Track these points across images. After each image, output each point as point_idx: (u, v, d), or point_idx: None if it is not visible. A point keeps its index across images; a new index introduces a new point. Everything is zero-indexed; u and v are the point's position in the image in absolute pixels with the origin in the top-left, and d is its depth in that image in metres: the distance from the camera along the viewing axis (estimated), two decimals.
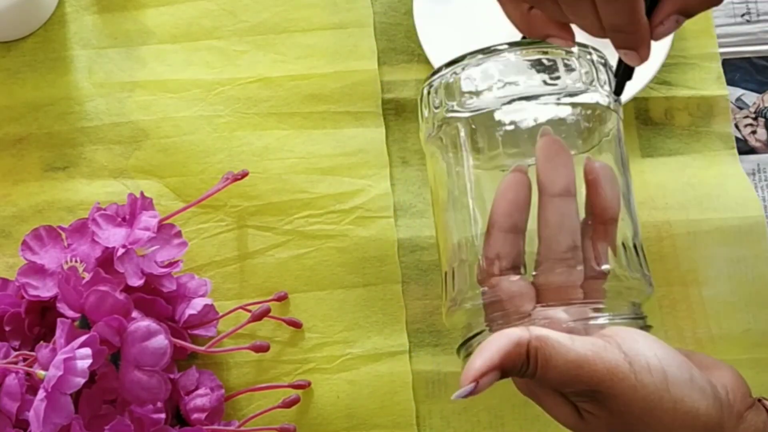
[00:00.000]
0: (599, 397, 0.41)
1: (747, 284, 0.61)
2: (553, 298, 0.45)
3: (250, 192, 0.62)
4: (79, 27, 0.65)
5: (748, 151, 0.65)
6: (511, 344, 0.41)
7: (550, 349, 0.41)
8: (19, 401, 0.50)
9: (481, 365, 0.40)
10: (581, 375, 0.41)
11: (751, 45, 0.67)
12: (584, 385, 0.41)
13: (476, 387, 0.40)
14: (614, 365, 0.41)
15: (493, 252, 0.46)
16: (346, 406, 0.59)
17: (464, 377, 0.41)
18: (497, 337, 0.41)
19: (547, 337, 0.41)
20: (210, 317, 0.57)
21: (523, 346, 0.41)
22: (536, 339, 0.41)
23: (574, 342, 0.41)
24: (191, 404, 0.55)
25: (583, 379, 0.41)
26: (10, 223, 0.61)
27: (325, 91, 0.64)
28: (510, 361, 0.41)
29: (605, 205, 0.47)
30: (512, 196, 0.46)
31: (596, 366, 0.41)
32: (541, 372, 0.41)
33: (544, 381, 0.42)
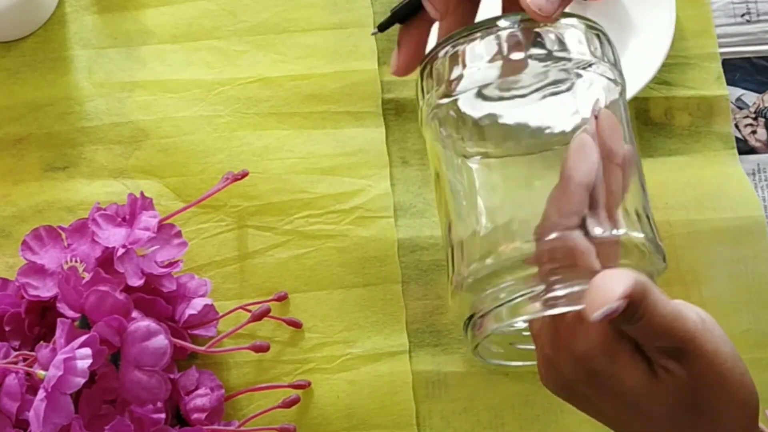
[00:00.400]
0: (683, 356, 0.41)
1: (747, 284, 0.61)
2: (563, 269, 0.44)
3: (250, 192, 0.62)
4: (79, 27, 0.65)
5: (748, 151, 0.65)
6: (636, 281, 0.40)
7: (656, 296, 0.41)
8: (19, 401, 0.50)
9: (623, 291, 0.39)
10: (676, 328, 0.41)
11: (751, 45, 0.67)
12: (676, 339, 0.41)
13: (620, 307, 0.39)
14: (702, 325, 0.41)
15: (569, 206, 0.44)
16: (346, 406, 0.59)
17: (604, 297, 0.39)
18: (618, 272, 0.41)
19: (652, 285, 0.41)
20: (210, 317, 0.57)
21: (641, 286, 0.40)
22: (647, 284, 0.41)
23: (666, 297, 0.41)
24: (191, 404, 0.55)
25: (677, 332, 0.41)
26: (10, 223, 0.61)
27: (325, 91, 0.64)
28: (636, 295, 0.40)
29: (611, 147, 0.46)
30: (588, 154, 0.45)
31: (688, 323, 0.41)
32: (647, 318, 0.40)
33: (646, 328, 0.41)
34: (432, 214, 0.62)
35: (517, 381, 0.60)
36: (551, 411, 0.59)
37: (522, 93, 0.48)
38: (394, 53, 0.51)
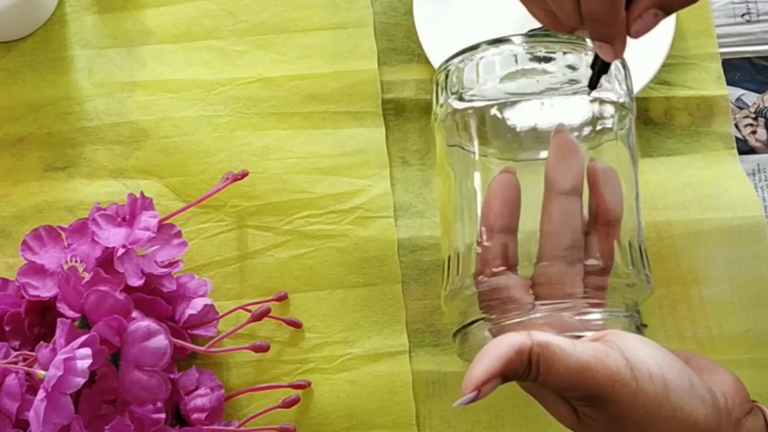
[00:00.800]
0: (599, 403, 0.41)
1: (747, 284, 0.61)
2: (551, 294, 0.46)
3: (250, 192, 0.62)
4: (79, 27, 0.65)
5: (748, 151, 0.65)
6: (513, 351, 0.41)
7: (552, 355, 0.41)
8: (19, 401, 0.50)
9: (483, 373, 0.40)
10: (582, 381, 0.41)
11: (751, 45, 0.67)
12: (585, 390, 0.41)
13: (478, 395, 0.40)
14: (616, 372, 0.41)
15: (486, 253, 0.46)
16: (346, 406, 0.59)
17: (465, 385, 0.40)
18: (498, 344, 0.41)
19: (549, 343, 0.41)
20: (210, 317, 0.57)
21: (524, 354, 0.41)
22: (538, 345, 0.41)
23: (575, 348, 0.41)
24: (191, 404, 0.55)
25: (583, 385, 0.41)
26: (10, 223, 0.61)
27: (325, 91, 0.64)
28: (511, 368, 0.41)
29: (607, 206, 0.47)
30: (503, 197, 0.47)
31: (597, 372, 0.41)
32: (542, 377, 0.41)
33: (546, 386, 0.42)
34: (432, 214, 0.62)
35: None
36: None
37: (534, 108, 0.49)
38: None
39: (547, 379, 0.41)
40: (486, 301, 0.47)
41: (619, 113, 0.50)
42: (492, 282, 0.46)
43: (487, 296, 0.46)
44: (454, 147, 0.51)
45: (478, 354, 0.41)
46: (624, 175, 0.49)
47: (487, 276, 0.46)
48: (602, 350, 0.42)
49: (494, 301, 0.46)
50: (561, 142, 0.47)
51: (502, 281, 0.45)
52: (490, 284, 0.46)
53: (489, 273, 0.46)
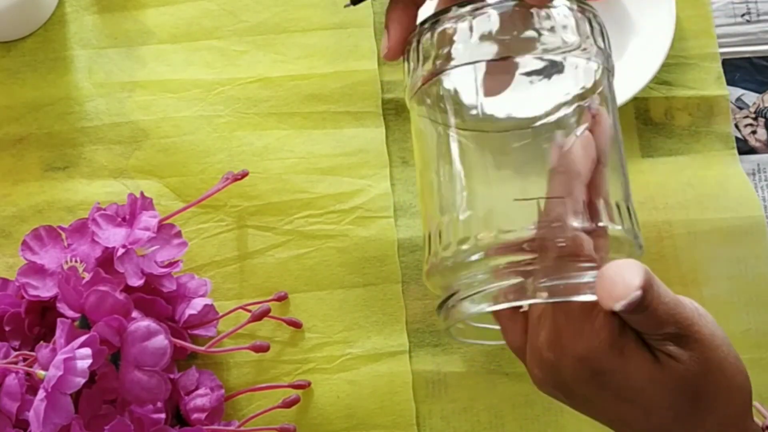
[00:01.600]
0: (684, 341, 0.42)
1: (747, 284, 0.61)
2: None
3: (250, 192, 0.62)
4: (79, 27, 0.65)
5: (748, 151, 0.65)
6: (644, 271, 0.41)
7: (657, 285, 0.42)
8: (19, 401, 0.50)
9: (640, 281, 0.40)
10: (678, 314, 0.42)
11: (751, 45, 0.67)
12: (678, 325, 0.42)
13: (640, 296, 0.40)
14: (697, 312, 0.43)
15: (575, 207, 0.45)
16: (346, 406, 0.59)
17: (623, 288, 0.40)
18: (629, 263, 0.41)
19: (654, 275, 0.42)
20: (210, 317, 0.57)
21: (648, 275, 0.41)
22: (651, 273, 0.42)
23: None
24: (191, 404, 0.55)
25: (679, 318, 0.42)
26: (10, 223, 0.61)
27: (325, 91, 0.64)
28: (647, 284, 0.41)
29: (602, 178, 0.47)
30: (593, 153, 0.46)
31: (686, 310, 0.42)
32: (653, 305, 0.41)
33: (652, 317, 0.42)
34: None
35: (518, 381, 0.60)
36: (551, 411, 0.59)
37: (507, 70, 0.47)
38: (384, 37, 0.51)
39: (657, 307, 0.41)
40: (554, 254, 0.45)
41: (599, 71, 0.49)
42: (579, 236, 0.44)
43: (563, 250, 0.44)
44: (427, 121, 0.50)
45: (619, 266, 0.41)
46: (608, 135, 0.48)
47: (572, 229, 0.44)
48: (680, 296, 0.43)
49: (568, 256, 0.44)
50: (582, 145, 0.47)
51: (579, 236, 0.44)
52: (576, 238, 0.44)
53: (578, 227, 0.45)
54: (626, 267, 0.41)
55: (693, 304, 0.44)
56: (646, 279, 0.41)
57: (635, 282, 0.40)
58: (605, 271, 0.42)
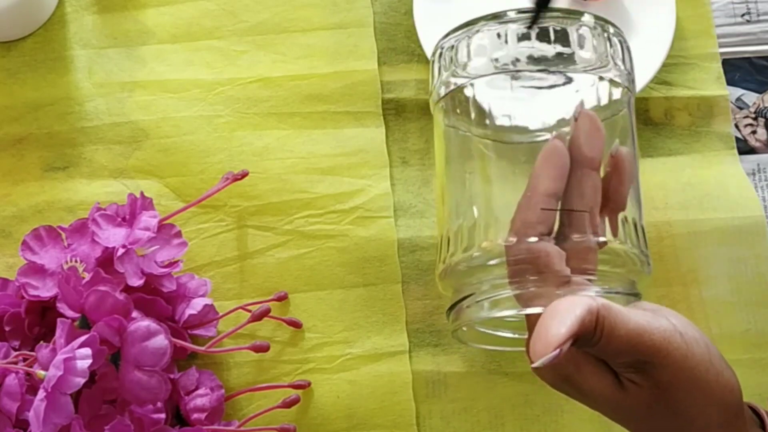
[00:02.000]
0: (648, 368, 0.42)
1: (747, 284, 0.61)
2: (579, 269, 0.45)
3: (250, 192, 0.62)
4: (79, 27, 0.65)
5: (748, 151, 0.65)
6: (586, 312, 0.40)
7: (614, 317, 0.41)
8: (19, 401, 0.50)
9: (565, 331, 0.40)
10: (640, 344, 0.41)
11: (751, 45, 0.67)
12: (641, 354, 0.41)
13: (560, 353, 0.39)
14: (670, 334, 0.41)
15: (533, 216, 0.45)
16: (346, 406, 0.59)
17: (546, 343, 0.39)
18: (568, 304, 0.41)
19: (611, 306, 0.41)
20: (210, 317, 0.57)
21: (594, 314, 0.40)
22: (603, 307, 0.41)
23: (629, 312, 0.42)
24: (191, 404, 0.55)
25: (641, 348, 0.41)
26: (10, 223, 0.61)
27: (325, 91, 0.64)
28: (585, 328, 0.40)
29: (623, 193, 0.47)
30: (557, 161, 0.45)
31: (653, 335, 0.41)
32: (605, 340, 0.41)
33: (606, 349, 0.41)
34: (432, 214, 0.62)
35: (517, 381, 0.60)
36: (551, 411, 0.59)
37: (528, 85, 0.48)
38: None
39: (609, 341, 0.41)
40: (520, 266, 0.45)
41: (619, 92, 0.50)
42: (535, 248, 0.44)
43: (523, 261, 0.45)
44: (450, 128, 0.51)
45: (549, 314, 0.41)
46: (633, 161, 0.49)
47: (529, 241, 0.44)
48: (650, 315, 0.42)
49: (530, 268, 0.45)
50: (589, 119, 0.46)
51: (548, 248, 0.44)
52: (532, 250, 0.44)
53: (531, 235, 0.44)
54: (558, 313, 0.40)
55: (671, 323, 0.42)
56: (582, 323, 0.40)
57: (556, 337, 0.39)
58: (540, 320, 0.41)
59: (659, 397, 0.42)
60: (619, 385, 0.43)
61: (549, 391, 0.58)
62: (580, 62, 0.48)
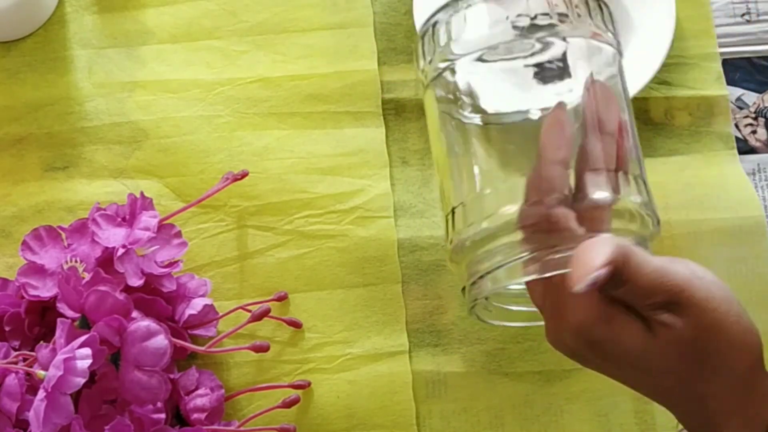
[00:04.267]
0: (675, 308, 0.42)
1: (748, 284, 0.61)
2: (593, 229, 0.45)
3: (250, 192, 0.62)
4: (79, 27, 0.65)
5: (748, 150, 0.65)
6: (615, 246, 0.41)
7: (638, 257, 0.42)
8: (19, 401, 0.50)
9: (600, 257, 0.40)
10: (665, 283, 0.42)
11: (751, 45, 0.67)
12: (667, 293, 0.42)
13: (601, 275, 0.40)
14: (690, 276, 0.43)
15: (544, 181, 0.45)
16: (346, 406, 0.59)
17: (585, 269, 0.40)
18: (598, 240, 0.42)
19: (633, 248, 0.42)
20: (210, 317, 0.57)
21: (622, 250, 0.41)
22: (627, 247, 0.42)
23: (650, 255, 0.43)
24: (191, 404, 0.55)
25: (666, 286, 0.42)
26: (10, 223, 0.61)
27: (325, 91, 0.64)
28: (618, 261, 0.41)
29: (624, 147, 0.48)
30: (562, 130, 0.46)
31: (676, 275, 0.42)
32: (633, 277, 0.41)
33: (635, 288, 0.42)
34: (432, 214, 0.62)
35: (518, 381, 0.60)
36: (551, 411, 0.59)
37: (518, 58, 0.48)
38: None
39: (637, 279, 0.41)
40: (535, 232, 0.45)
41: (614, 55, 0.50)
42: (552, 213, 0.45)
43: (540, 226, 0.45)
44: (441, 106, 0.51)
45: (582, 251, 0.41)
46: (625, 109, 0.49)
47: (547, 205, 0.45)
48: (669, 260, 0.43)
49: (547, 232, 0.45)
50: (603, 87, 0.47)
51: (561, 212, 0.45)
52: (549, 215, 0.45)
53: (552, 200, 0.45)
54: (593, 247, 0.42)
55: (688, 268, 0.43)
56: (614, 256, 0.41)
57: (597, 261, 0.40)
58: (575, 251, 0.42)
59: (687, 338, 0.43)
60: (648, 331, 0.43)
61: (549, 391, 0.58)
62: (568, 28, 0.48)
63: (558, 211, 0.45)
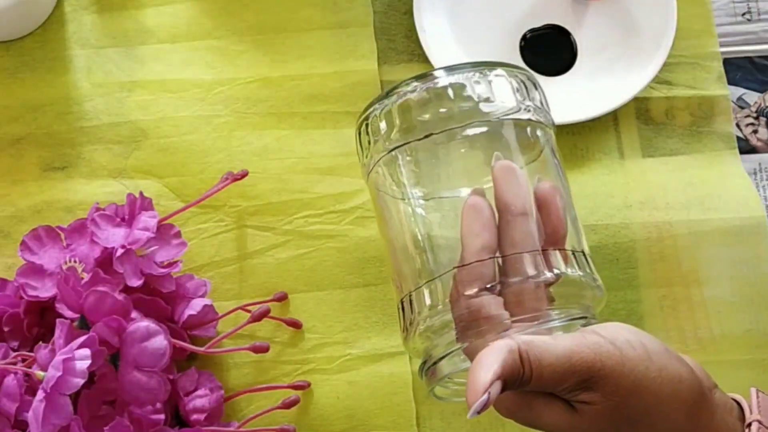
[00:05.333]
0: (591, 385, 0.42)
1: (748, 284, 0.61)
2: (521, 311, 0.46)
3: (249, 192, 0.62)
4: (78, 26, 0.65)
5: (750, 150, 0.65)
6: (506, 353, 0.41)
7: (537, 349, 0.41)
8: (18, 402, 0.50)
9: (487, 376, 0.40)
10: (573, 366, 0.41)
11: (751, 44, 0.67)
12: (577, 374, 0.41)
13: (489, 398, 0.40)
14: (599, 346, 0.42)
15: (468, 273, 0.46)
16: (345, 406, 0.59)
17: (473, 391, 0.40)
18: (488, 351, 0.41)
19: (532, 340, 0.42)
20: (209, 318, 0.57)
21: (515, 353, 0.41)
22: (524, 344, 0.41)
23: (556, 339, 0.42)
24: (190, 405, 0.55)
25: (575, 368, 0.41)
26: (9, 223, 0.61)
27: (324, 91, 0.64)
28: (509, 369, 0.41)
29: (557, 225, 0.48)
30: (479, 215, 0.47)
31: (583, 353, 0.42)
32: (536, 373, 0.41)
33: (540, 382, 0.42)
34: None
35: None
36: None
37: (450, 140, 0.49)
38: None
39: (541, 373, 0.41)
40: (463, 322, 0.46)
41: (539, 129, 0.50)
42: (474, 303, 0.46)
43: (465, 317, 0.46)
44: (384, 195, 0.52)
45: (475, 365, 0.41)
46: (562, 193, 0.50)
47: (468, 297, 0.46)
48: (578, 335, 0.43)
49: (472, 322, 0.46)
50: (503, 167, 0.47)
51: (484, 301, 0.46)
52: (470, 305, 0.46)
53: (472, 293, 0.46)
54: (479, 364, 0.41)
55: (596, 339, 0.42)
56: (504, 364, 0.40)
57: (482, 380, 0.40)
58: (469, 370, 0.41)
59: (613, 410, 0.42)
60: (572, 410, 0.43)
61: None
62: (490, 111, 0.48)
63: (482, 299, 0.45)
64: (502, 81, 0.50)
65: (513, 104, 0.49)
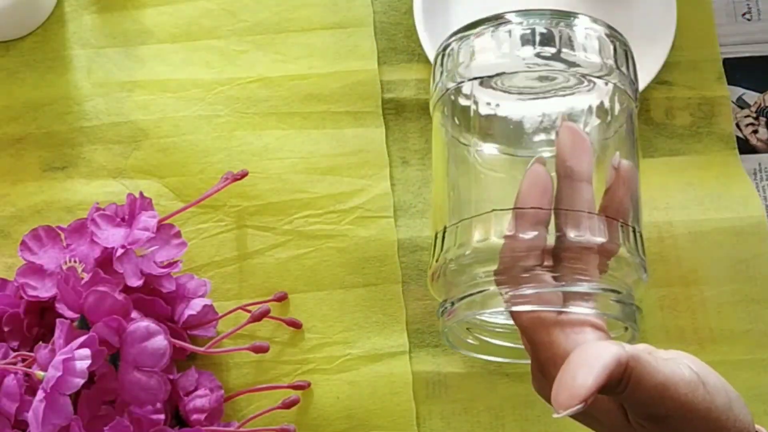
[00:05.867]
0: (669, 421, 0.40)
1: (749, 284, 0.61)
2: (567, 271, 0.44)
3: (249, 192, 0.62)
4: (78, 26, 0.65)
5: (750, 150, 0.65)
6: (615, 364, 0.39)
7: (641, 369, 0.39)
8: (18, 402, 0.50)
9: (592, 384, 0.38)
10: (664, 400, 0.39)
11: (751, 44, 0.67)
12: (665, 408, 0.40)
13: (585, 406, 0.38)
14: (694, 387, 0.40)
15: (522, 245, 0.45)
16: (345, 406, 0.59)
17: (569, 394, 0.38)
18: (597, 352, 0.39)
19: (640, 357, 0.39)
20: (209, 318, 0.57)
21: (623, 365, 0.39)
22: (633, 359, 0.39)
23: (658, 362, 0.40)
24: (190, 405, 0.55)
25: (666, 402, 0.40)
26: (9, 223, 0.61)
27: (325, 91, 0.64)
28: (612, 380, 0.39)
29: (624, 205, 0.46)
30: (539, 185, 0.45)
31: (678, 389, 0.40)
32: (630, 391, 0.39)
33: (629, 400, 0.40)
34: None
35: (518, 381, 0.59)
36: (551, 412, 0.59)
37: (526, 90, 0.48)
38: None
39: (634, 393, 0.39)
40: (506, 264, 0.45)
41: (624, 100, 0.49)
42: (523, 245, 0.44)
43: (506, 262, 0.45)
44: (446, 128, 0.51)
45: (577, 360, 0.39)
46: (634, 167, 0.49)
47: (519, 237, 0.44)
48: (675, 366, 0.40)
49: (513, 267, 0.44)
50: (570, 131, 0.46)
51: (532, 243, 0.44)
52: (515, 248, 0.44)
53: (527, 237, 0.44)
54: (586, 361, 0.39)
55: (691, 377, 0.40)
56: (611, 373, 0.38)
57: (586, 386, 0.38)
58: (568, 362, 0.40)
59: None
60: (626, 419, 0.42)
61: None
62: (585, 67, 0.48)
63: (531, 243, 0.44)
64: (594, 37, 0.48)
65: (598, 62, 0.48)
